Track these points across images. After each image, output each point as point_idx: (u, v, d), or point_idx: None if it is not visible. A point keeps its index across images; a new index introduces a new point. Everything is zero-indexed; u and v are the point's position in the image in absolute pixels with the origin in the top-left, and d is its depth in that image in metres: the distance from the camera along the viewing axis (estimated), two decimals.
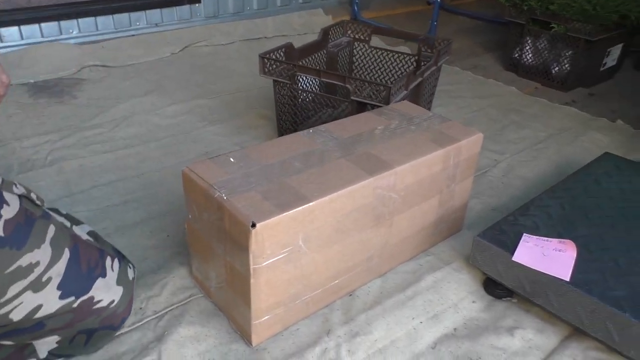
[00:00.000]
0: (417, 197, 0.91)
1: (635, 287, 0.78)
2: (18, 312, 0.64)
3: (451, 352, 0.80)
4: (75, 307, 0.69)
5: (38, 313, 0.66)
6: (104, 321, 0.73)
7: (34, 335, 0.68)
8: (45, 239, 0.67)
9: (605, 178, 1.08)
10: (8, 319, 0.64)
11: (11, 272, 0.62)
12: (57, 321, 0.68)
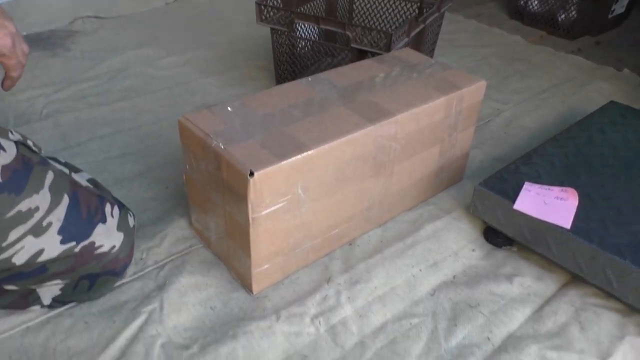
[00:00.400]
0: (418, 146, 0.90)
1: (637, 234, 0.78)
2: (20, 257, 0.65)
3: (450, 299, 0.81)
4: (76, 252, 0.69)
5: (40, 257, 0.67)
6: (106, 266, 0.74)
7: (37, 279, 0.69)
8: (44, 185, 0.67)
9: (610, 127, 1.06)
10: (11, 263, 0.65)
11: (11, 217, 0.63)
12: (59, 265, 0.69)
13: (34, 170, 0.67)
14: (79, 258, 0.70)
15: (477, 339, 0.75)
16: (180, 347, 0.72)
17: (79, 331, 0.74)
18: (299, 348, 0.73)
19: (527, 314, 0.79)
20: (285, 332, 0.75)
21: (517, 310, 0.79)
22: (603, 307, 0.80)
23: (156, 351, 0.71)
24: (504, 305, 0.80)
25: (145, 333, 0.74)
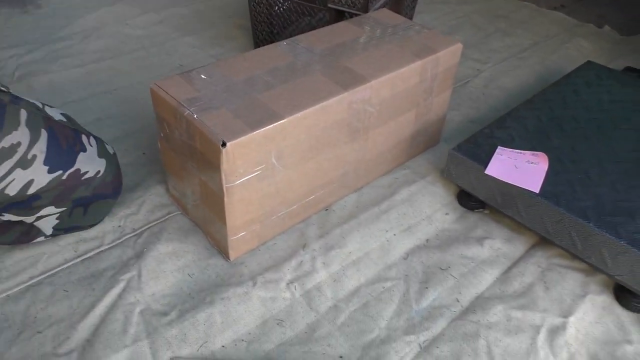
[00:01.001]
0: (393, 111, 0.90)
1: (602, 197, 0.80)
2: (12, 188, 0.70)
3: (422, 262, 0.83)
4: (64, 179, 0.74)
5: (31, 188, 0.71)
6: (96, 190, 0.78)
7: (34, 206, 0.73)
8: (20, 122, 0.70)
9: (584, 88, 1.07)
10: (4, 194, 0.69)
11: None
12: (51, 193, 0.73)
13: (8, 109, 0.69)
14: (67, 184, 0.74)
15: (447, 300, 0.78)
16: (159, 313, 0.74)
17: (59, 299, 0.76)
18: (275, 313, 0.75)
19: (496, 276, 0.82)
20: (261, 297, 0.77)
21: (486, 272, 0.82)
22: (568, 267, 0.83)
23: (135, 318, 0.73)
24: (474, 267, 0.83)
25: (124, 300, 0.75)
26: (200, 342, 0.71)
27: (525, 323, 0.75)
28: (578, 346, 0.72)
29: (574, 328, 0.74)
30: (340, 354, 0.70)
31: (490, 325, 0.74)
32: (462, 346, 0.71)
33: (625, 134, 0.94)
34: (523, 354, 0.71)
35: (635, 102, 1.03)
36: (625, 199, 0.80)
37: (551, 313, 0.76)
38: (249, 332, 0.73)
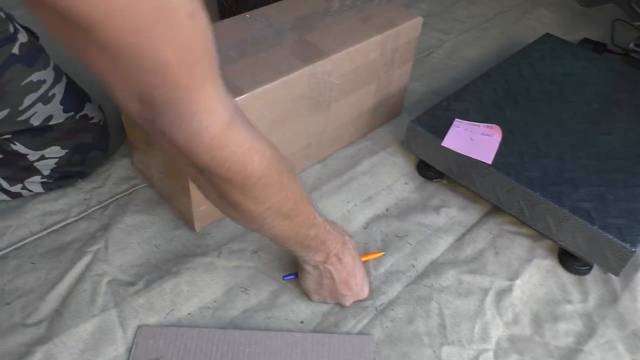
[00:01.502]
0: (354, 84, 0.92)
1: (548, 168, 0.85)
2: (36, 118, 0.78)
3: (381, 231, 0.87)
4: (77, 119, 0.84)
5: (52, 120, 0.80)
6: (95, 139, 0.87)
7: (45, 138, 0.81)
8: (49, 64, 0.79)
9: (539, 61, 1.10)
10: (29, 124, 0.78)
11: (25, 85, 0.75)
12: (63, 129, 0.82)
13: (42, 53, 0.78)
14: (78, 125, 0.84)
15: (403, 266, 0.82)
16: (126, 284, 0.77)
17: (27, 271, 0.77)
18: (240, 281, 0.78)
19: (450, 242, 0.87)
20: (226, 266, 0.80)
21: (441, 238, 0.87)
22: (517, 233, 0.88)
23: (103, 288, 0.76)
24: (430, 234, 0.87)
25: (91, 272, 0.78)
26: (167, 310, 0.74)
27: (475, 286, 0.80)
28: (522, 306, 0.78)
29: (519, 290, 0.80)
30: (301, 319, 0.74)
31: (443, 288, 0.79)
32: (416, 308, 0.76)
33: (574, 106, 0.99)
34: (472, 315, 0.76)
35: (586, 75, 1.07)
36: (570, 169, 0.85)
37: (499, 276, 0.81)
38: (214, 300, 0.76)
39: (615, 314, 0.78)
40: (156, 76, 0.42)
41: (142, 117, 0.46)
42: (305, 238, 0.65)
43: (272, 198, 0.56)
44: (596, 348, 0.74)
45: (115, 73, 0.42)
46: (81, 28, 0.37)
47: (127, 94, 0.44)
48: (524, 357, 0.72)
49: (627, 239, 0.74)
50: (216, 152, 0.48)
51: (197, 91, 0.45)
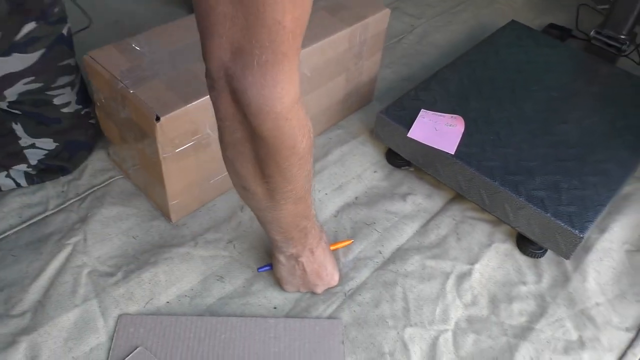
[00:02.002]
0: (323, 77, 0.95)
1: (507, 157, 0.90)
2: (60, 99, 0.85)
3: (350, 219, 0.92)
4: (82, 114, 0.89)
5: (66, 108, 0.86)
6: (87, 138, 0.93)
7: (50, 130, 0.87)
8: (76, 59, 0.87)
9: (504, 49, 1.14)
10: (52, 101, 0.84)
11: (62, 66, 0.83)
12: (68, 121, 0.88)
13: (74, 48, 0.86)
14: (81, 119, 0.90)
15: (371, 253, 0.87)
16: (106, 274, 0.80)
17: (8, 264, 0.80)
18: (215, 269, 0.82)
19: (415, 229, 0.91)
20: (202, 256, 0.84)
21: (407, 225, 0.92)
22: (478, 219, 0.93)
23: (83, 279, 0.79)
24: (397, 222, 0.92)
25: (71, 263, 0.81)
26: (146, 300, 0.78)
27: (437, 271, 0.85)
28: (480, 289, 0.84)
29: (478, 273, 0.85)
30: (274, 305, 0.79)
31: (407, 273, 0.84)
32: (382, 293, 0.81)
33: (535, 94, 1.03)
34: (433, 298, 0.81)
35: (548, 63, 1.11)
36: (528, 159, 0.90)
37: (460, 261, 0.87)
38: (191, 289, 0.80)
39: (565, 294, 0.84)
40: (268, 34, 0.46)
41: (224, 70, 0.50)
42: (296, 228, 0.68)
43: (299, 180, 0.60)
44: (547, 326, 0.80)
45: (233, 17, 0.46)
46: None
47: (226, 43, 0.48)
48: (480, 336, 0.78)
49: (576, 225, 0.80)
50: (280, 122, 0.52)
51: (289, 61, 0.49)
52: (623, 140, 0.95)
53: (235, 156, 0.58)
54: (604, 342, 0.79)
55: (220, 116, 0.54)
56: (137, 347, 0.72)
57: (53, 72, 0.82)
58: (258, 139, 0.54)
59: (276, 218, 0.66)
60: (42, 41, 0.78)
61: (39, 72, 0.79)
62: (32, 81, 0.79)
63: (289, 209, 0.64)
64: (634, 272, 0.88)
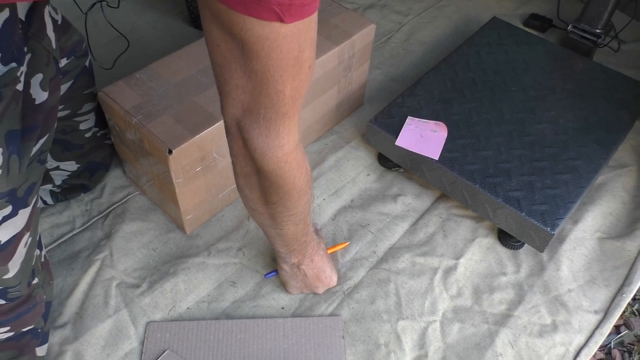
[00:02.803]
0: (316, 92, 1.03)
1: (487, 160, 0.98)
2: (84, 124, 0.93)
3: (347, 221, 1.02)
4: (99, 135, 0.98)
5: (89, 132, 0.95)
6: (104, 159, 1.02)
7: (73, 155, 0.95)
8: None
9: (486, 50, 1.21)
10: (79, 127, 0.93)
11: (86, 94, 0.91)
12: (89, 144, 0.96)
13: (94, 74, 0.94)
14: (98, 142, 0.98)
15: (366, 253, 0.97)
16: (132, 286, 0.90)
17: None
18: (228, 276, 0.93)
19: (405, 228, 1.01)
20: (216, 264, 0.94)
21: (398, 225, 1.01)
22: (463, 216, 1.03)
23: (113, 292, 0.89)
24: (389, 222, 1.02)
25: (101, 277, 0.91)
26: (169, 307, 0.88)
27: (426, 267, 0.95)
28: (465, 281, 0.94)
29: (463, 267, 0.95)
30: (282, 306, 0.89)
31: (399, 271, 0.94)
32: (377, 290, 0.92)
33: (513, 95, 1.11)
34: (423, 292, 0.92)
35: (526, 61, 1.19)
36: (506, 161, 0.98)
37: (446, 257, 0.97)
38: (208, 294, 0.91)
39: (541, 282, 0.94)
40: (271, 100, 0.56)
41: (236, 122, 0.60)
42: (297, 242, 0.79)
43: (298, 208, 0.71)
44: (524, 312, 0.90)
45: (243, 88, 0.56)
46: (244, 56, 0.52)
47: (238, 104, 0.58)
48: (464, 324, 0.88)
49: (548, 223, 0.89)
50: (281, 164, 0.63)
51: (289, 118, 0.59)
52: (595, 136, 1.04)
53: (245, 184, 0.69)
54: (574, 324, 0.89)
55: (234, 153, 0.65)
56: (166, 350, 0.83)
57: (79, 100, 0.90)
58: (263, 175, 0.65)
59: (279, 234, 0.76)
60: (71, 74, 0.86)
61: (67, 100, 0.88)
62: (62, 109, 0.88)
63: (290, 228, 0.74)
64: (604, 259, 0.98)
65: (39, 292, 0.73)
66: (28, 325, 0.73)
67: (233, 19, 0.49)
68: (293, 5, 0.48)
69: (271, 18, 0.48)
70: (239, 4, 0.48)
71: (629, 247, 0.99)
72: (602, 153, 1.01)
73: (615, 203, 1.06)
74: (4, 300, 0.68)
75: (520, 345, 0.86)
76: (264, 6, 0.47)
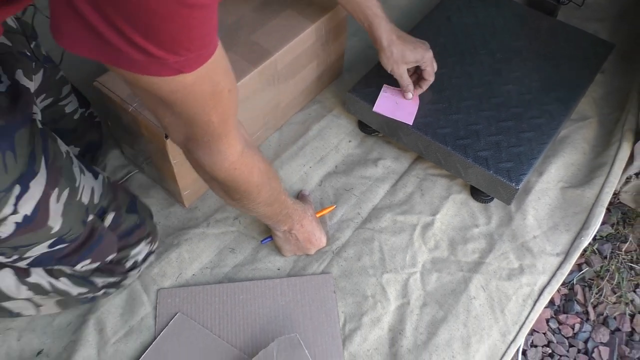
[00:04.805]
0: (297, 68, 1.10)
1: (457, 123, 1.07)
2: (69, 107, 0.97)
3: (332, 186, 1.10)
4: (87, 115, 1.01)
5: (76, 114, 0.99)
6: (99, 137, 1.07)
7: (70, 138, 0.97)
8: None
9: (456, 14, 1.27)
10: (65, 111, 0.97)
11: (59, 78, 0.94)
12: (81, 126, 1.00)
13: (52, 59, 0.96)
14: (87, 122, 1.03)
15: (351, 215, 1.07)
16: None
17: None
18: (227, 243, 1.02)
19: (386, 189, 1.10)
20: (215, 233, 1.03)
21: (380, 187, 1.10)
22: (438, 175, 1.12)
23: None
24: (371, 185, 1.11)
25: None
26: (176, 275, 0.98)
27: (406, 224, 1.05)
28: (441, 235, 1.04)
29: (439, 222, 1.06)
30: (277, 267, 1.00)
31: (382, 229, 1.04)
32: (362, 248, 1.02)
33: (482, 58, 1.18)
34: (404, 247, 1.02)
35: (494, 24, 1.25)
36: (475, 122, 1.07)
37: (424, 214, 1.06)
38: (210, 261, 1.00)
39: (509, 231, 1.05)
40: (202, 129, 0.63)
41: (184, 146, 0.68)
42: (278, 215, 0.88)
43: (263, 195, 0.80)
44: (494, 259, 1.01)
45: (176, 124, 0.63)
46: (165, 103, 0.57)
47: (178, 134, 0.65)
48: (442, 273, 0.99)
49: (513, 179, 0.99)
50: (231, 172, 0.71)
51: (226, 136, 0.66)
52: (556, 94, 1.12)
53: (210, 186, 0.79)
54: (539, 267, 1.01)
55: (192, 165, 0.74)
56: (177, 313, 0.93)
57: (56, 86, 0.94)
58: (220, 182, 0.74)
59: (259, 215, 0.87)
60: (38, 65, 0.88)
61: (46, 90, 0.91)
62: (44, 98, 0.92)
63: (265, 210, 0.85)
64: (566, 206, 1.09)
65: (99, 225, 0.81)
66: (109, 255, 0.84)
67: (140, 80, 0.51)
68: (189, 59, 0.50)
69: (173, 73, 0.50)
70: (139, 68, 0.49)
71: (587, 194, 1.09)
72: (563, 110, 1.10)
73: (577, 154, 1.16)
74: (65, 243, 0.77)
75: (491, 289, 0.98)
76: (162, 65, 0.49)
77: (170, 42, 0.47)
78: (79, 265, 0.82)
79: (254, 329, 0.92)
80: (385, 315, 0.94)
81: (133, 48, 0.46)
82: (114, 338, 0.90)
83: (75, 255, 0.80)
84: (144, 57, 0.47)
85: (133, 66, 0.49)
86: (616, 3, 1.48)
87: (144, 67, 0.49)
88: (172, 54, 0.48)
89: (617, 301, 1.13)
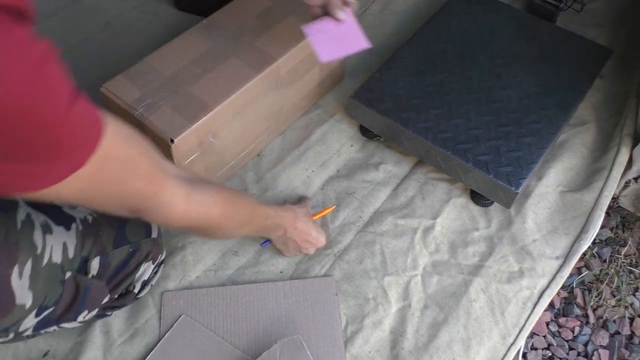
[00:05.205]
0: (299, 73, 1.11)
1: (458, 127, 1.08)
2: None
3: (334, 190, 1.12)
4: None
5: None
6: None
7: None
8: None
9: (456, 20, 1.29)
10: None
11: None
12: None
13: None
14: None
15: (353, 218, 1.08)
16: None
17: None
18: (230, 246, 1.04)
19: (388, 193, 1.12)
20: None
21: (381, 191, 1.12)
22: (438, 179, 1.14)
23: None
24: (372, 189, 1.12)
25: None
26: (180, 277, 0.99)
27: (407, 228, 1.06)
28: (442, 238, 1.06)
29: (440, 225, 1.07)
30: (280, 270, 1.01)
31: (383, 233, 1.06)
32: (364, 251, 1.03)
33: (481, 63, 1.20)
34: (405, 251, 1.03)
35: (492, 29, 1.27)
36: (475, 127, 1.08)
37: (425, 217, 1.08)
38: (214, 264, 1.01)
39: (509, 234, 1.06)
40: (136, 199, 0.62)
41: (131, 215, 0.64)
42: (265, 228, 0.90)
43: (235, 220, 0.81)
44: (494, 262, 1.03)
45: (112, 208, 0.62)
46: (85, 201, 0.59)
47: (124, 212, 0.63)
48: (442, 276, 1.01)
49: (512, 183, 1.00)
50: (187, 218, 0.70)
51: (163, 190, 0.64)
52: (555, 99, 1.14)
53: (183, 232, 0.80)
54: (538, 270, 1.02)
55: None
56: (181, 315, 0.94)
57: None
58: (183, 228, 0.75)
59: (245, 235, 0.91)
60: None
61: None
62: None
63: (247, 230, 0.87)
64: (565, 210, 1.10)
65: (81, 278, 0.76)
66: (102, 301, 0.81)
67: (44, 195, 0.49)
68: (74, 157, 0.48)
69: (66, 175, 0.48)
70: (25, 187, 0.48)
71: (586, 198, 1.11)
72: (562, 115, 1.11)
73: (576, 158, 1.17)
74: (50, 308, 0.74)
75: (491, 291, 0.99)
76: (38, 182, 0.48)
77: (46, 153, 0.46)
78: (79, 317, 0.80)
79: (257, 330, 0.93)
80: (386, 318, 0.95)
81: (12, 174, 0.45)
82: (120, 340, 0.92)
83: (70, 312, 0.77)
84: (26, 175, 0.46)
85: (25, 187, 0.48)
86: (614, 9, 1.49)
87: (35, 182, 0.47)
88: (53, 161, 0.47)
89: (617, 304, 1.14)
